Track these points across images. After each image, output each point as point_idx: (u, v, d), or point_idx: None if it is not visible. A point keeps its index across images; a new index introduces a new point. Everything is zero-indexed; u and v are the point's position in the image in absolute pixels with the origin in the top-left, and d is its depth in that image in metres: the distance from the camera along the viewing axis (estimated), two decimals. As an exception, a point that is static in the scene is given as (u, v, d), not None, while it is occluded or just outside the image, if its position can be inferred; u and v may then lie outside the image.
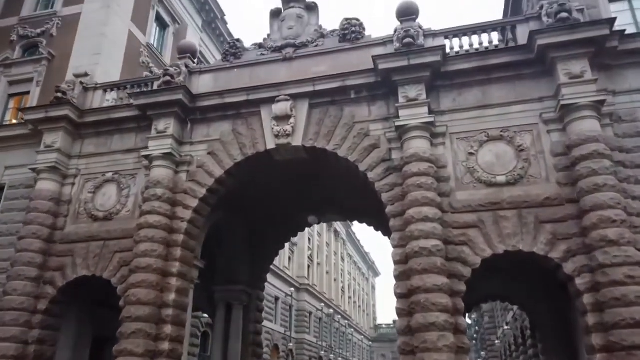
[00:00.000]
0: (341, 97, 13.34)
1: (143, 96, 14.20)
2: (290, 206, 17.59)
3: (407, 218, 11.09)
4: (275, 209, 17.48)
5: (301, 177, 15.82)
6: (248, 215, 17.39)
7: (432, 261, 10.39)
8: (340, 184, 15.91)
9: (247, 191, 15.90)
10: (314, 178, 15.92)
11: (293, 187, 16.48)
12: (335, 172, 14.84)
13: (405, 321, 10.62)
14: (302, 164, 14.63)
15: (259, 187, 16.03)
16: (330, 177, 15.58)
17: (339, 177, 15.25)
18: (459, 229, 11.09)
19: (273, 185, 16.14)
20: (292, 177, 15.83)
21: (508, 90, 12.21)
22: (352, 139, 12.81)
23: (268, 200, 16.89)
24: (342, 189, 16.29)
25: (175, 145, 13.89)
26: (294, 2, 15.45)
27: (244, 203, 16.47)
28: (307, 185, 16.30)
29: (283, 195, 16.82)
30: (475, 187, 11.49)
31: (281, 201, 17.12)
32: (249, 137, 13.71)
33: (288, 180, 15.90)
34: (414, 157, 11.57)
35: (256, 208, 17.12)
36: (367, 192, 14.43)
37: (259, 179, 15.43)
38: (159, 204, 12.96)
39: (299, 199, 17.19)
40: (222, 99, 14.08)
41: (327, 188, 16.49)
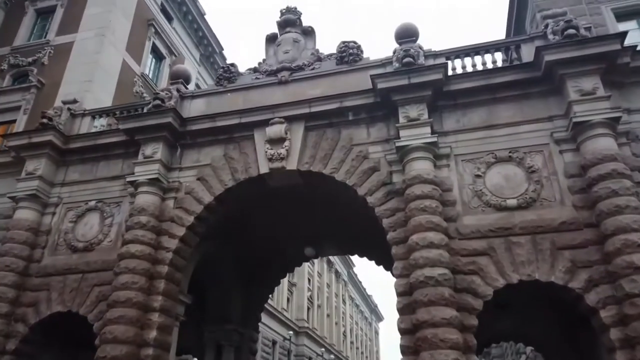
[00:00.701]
0: (338, 119, 12.73)
1: (131, 120, 13.61)
2: (286, 237, 16.67)
3: (410, 245, 10.19)
4: (270, 241, 16.53)
5: (297, 206, 15.00)
6: (241, 246, 16.43)
7: (439, 292, 9.41)
8: (338, 213, 15.06)
9: (240, 220, 15.07)
10: (310, 207, 15.09)
11: (289, 217, 15.62)
12: (333, 199, 14.05)
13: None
14: (298, 191, 13.88)
15: (253, 217, 15.19)
16: (328, 205, 14.75)
17: (338, 205, 14.44)
18: (467, 257, 10.18)
19: (267, 214, 15.30)
20: (288, 206, 15.01)
21: (515, 109, 11.60)
22: (350, 162, 12.09)
23: (262, 231, 15.98)
24: (341, 219, 15.41)
25: (163, 170, 13.17)
26: (290, 27, 15.15)
27: (237, 233, 15.59)
28: (304, 215, 15.45)
29: (278, 226, 15.93)
30: (484, 212, 10.66)
31: (276, 232, 16.21)
32: (241, 161, 13.01)
33: (283, 209, 15.07)
34: (416, 179, 10.81)
35: (250, 239, 16.18)
36: (367, 221, 13.61)
37: (252, 207, 14.64)
38: (142, 233, 12.09)
39: (295, 230, 16.30)
40: (214, 122, 13.49)
41: (325, 218, 15.62)
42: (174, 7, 24.55)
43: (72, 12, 19.55)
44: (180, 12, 25.07)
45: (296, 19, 15.20)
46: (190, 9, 25.48)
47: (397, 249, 10.70)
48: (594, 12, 12.68)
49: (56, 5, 20.03)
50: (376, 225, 11.92)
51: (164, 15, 23.61)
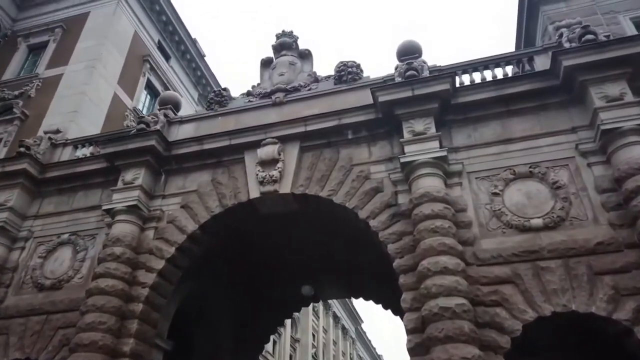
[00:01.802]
0: (337, 138, 11.69)
1: (111, 144, 12.63)
2: (283, 275, 15.20)
3: (420, 271, 8.79)
4: (264, 279, 15.06)
5: (293, 238, 13.69)
6: (232, 286, 14.94)
7: (457, 325, 7.90)
8: (340, 246, 13.74)
9: (229, 255, 13.72)
10: (308, 239, 13.77)
11: (284, 251, 14.25)
12: (333, 229, 12.81)
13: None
14: (293, 220, 12.65)
15: (244, 251, 13.83)
16: (328, 237, 13.45)
17: (338, 236, 13.18)
18: (489, 285, 8.73)
19: (260, 248, 13.95)
20: (282, 238, 13.71)
21: (532, 122, 10.52)
22: (350, 183, 10.91)
23: (255, 268, 14.56)
24: (342, 253, 14.04)
25: (144, 198, 12.01)
26: (286, 50, 14.47)
27: (227, 271, 14.17)
28: (301, 249, 14.09)
29: (273, 262, 14.52)
30: (505, 233, 9.30)
31: (271, 269, 14.77)
32: (230, 186, 11.86)
33: (277, 241, 13.76)
34: (425, 197, 9.56)
35: (241, 277, 14.73)
36: (371, 255, 12.32)
37: (242, 239, 13.32)
38: (115, 266, 10.75)
39: (292, 266, 14.85)
40: (201, 145, 12.47)
41: (324, 252, 14.24)
42: (172, 46, 24.38)
43: (64, 46, 19.25)
44: (178, 51, 24.88)
45: (292, 42, 14.56)
46: (188, 49, 25.31)
47: (406, 278, 9.27)
48: (611, 22, 11.90)
49: (48, 41, 19.80)
50: (382, 260, 10.63)
51: (161, 52, 23.36)
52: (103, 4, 20.29)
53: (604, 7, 11.81)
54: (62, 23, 20.05)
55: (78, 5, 20.73)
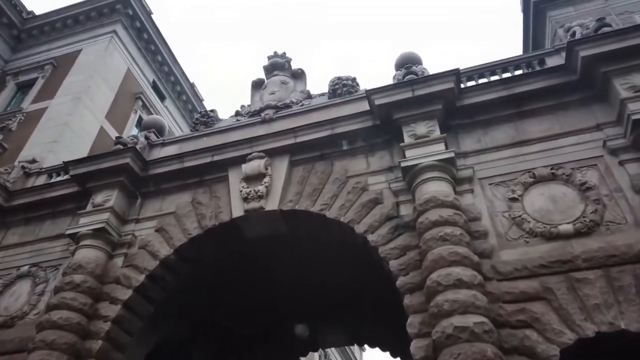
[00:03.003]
0: (330, 149, 10.55)
1: (82, 164, 11.57)
2: (274, 319, 13.48)
3: (430, 287, 7.29)
4: (254, 322, 13.34)
5: (284, 271, 12.20)
6: (216, 331, 13.22)
7: (477, 349, 6.32)
8: (338, 277, 12.19)
9: (212, 292, 12.18)
10: (301, 271, 12.26)
11: (275, 287, 12.68)
12: (330, 256, 11.35)
13: None
14: (285, 246, 11.25)
15: (229, 287, 12.30)
16: (325, 267, 11.95)
17: (336, 265, 11.67)
18: (514, 303, 7.19)
19: (247, 283, 12.41)
20: (272, 270, 12.22)
21: (549, 123, 9.37)
22: (345, 196, 9.62)
23: (242, 308, 12.92)
24: (342, 287, 12.44)
25: (115, 222, 10.76)
26: (278, 71, 13.71)
27: (209, 311, 12.54)
28: (294, 283, 12.52)
29: (262, 301, 12.90)
30: (529, 243, 7.87)
31: (261, 310, 13.11)
32: (212, 206, 10.60)
33: (267, 274, 12.25)
34: (431, 202, 8.23)
35: (227, 320, 13.05)
36: (374, 287, 10.86)
37: (227, 272, 11.86)
38: (73, 295, 9.31)
39: (286, 307, 13.17)
40: (182, 163, 11.37)
41: (321, 287, 12.65)
42: (168, 87, 23.99)
43: (52, 81, 18.79)
44: (174, 92, 24.47)
45: (284, 62, 13.82)
46: (184, 90, 24.93)
47: (412, 299, 7.75)
48: (627, 21, 11.04)
49: (37, 78, 19.36)
50: (387, 294, 9.18)
51: (156, 92, 22.90)
52: (96, 41, 20.07)
53: (617, 8, 11.05)
54: (53, 60, 19.73)
55: (71, 45, 20.53)
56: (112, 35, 20.05)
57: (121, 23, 20.65)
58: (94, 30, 20.64)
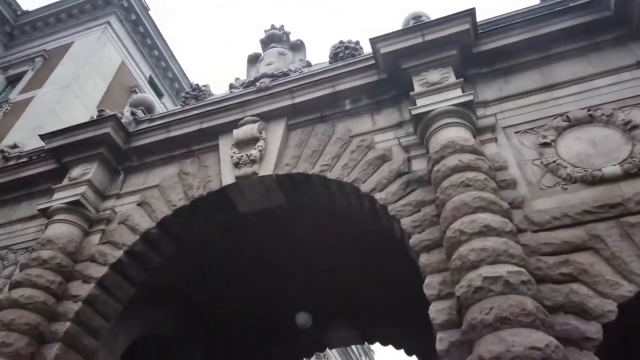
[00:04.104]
0: (332, 110, 9.48)
1: (58, 137, 10.58)
2: (272, 310, 12.23)
3: (450, 238, 6.09)
4: (249, 315, 12.10)
5: (284, 254, 11.02)
6: (207, 324, 11.98)
7: (514, 302, 5.08)
8: (344, 264, 11.00)
9: (202, 279, 11.02)
10: (304, 256, 11.08)
11: (274, 276, 11.48)
12: (335, 238, 10.19)
13: None
14: (282, 226, 10.12)
15: (221, 272, 11.13)
16: (329, 251, 10.76)
17: (343, 250, 10.50)
18: (554, 256, 5.96)
19: (242, 270, 11.24)
20: (271, 256, 11.04)
21: (582, 65, 8.25)
22: (348, 155, 8.51)
23: (235, 301, 11.72)
24: (349, 276, 11.24)
25: (93, 197, 9.71)
26: (276, 43, 12.76)
27: (199, 301, 11.35)
28: (295, 270, 11.32)
29: (258, 291, 11.70)
30: (567, 190, 6.67)
31: (257, 301, 11.89)
32: (200, 176, 9.53)
33: (264, 260, 11.07)
34: (448, 148, 7.09)
35: (219, 312, 11.83)
36: (389, 271, 9.72)
37: (217, 254, 10.71)
38: (39, 272, 8.21)
39: (286, 298, 11.93)
40: (167, 132, 10.35)
41: (328, 276, 11.45)
42: (165, 83, 23.24)
43: (42, 72, 18.10)
44: (172, 89, 23.70)
45: (282, 34, 12.90)
46: (183, 87, 24.10)
47: (429, 257, 6.54)
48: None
49: (27, 70, 18.66)
50: (400, 284, 8.01)
51: (153, 89, 22.14)
52: (88, 33, 19.42)
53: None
54: (44, 52, 19.07)
55: (63, 38, 19.91)
56: (105, 26, 19.41)
57: (115, 15, 20.02)
58: (88, 23, 20.04)
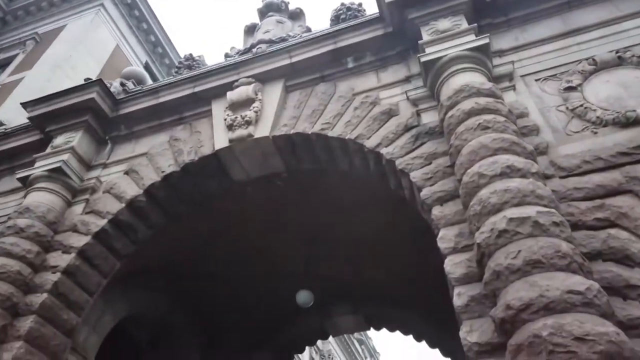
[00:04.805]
0: (333, 69, 8.82)
1: (41, 104, 9.96)
2: (273, 296, 11.53)
3: (468, 184, 5.41)
4: (249, 299, 11.41)
5: (285, 230, 10.34)
6: (200, 311, 11.28)
7: (545, 243, 4.39)
8: (354, 241, 10.33)
9: (195, 258, 10.35)
10: (305, 233, 10.41)
11: (273, 253, 10.80)
12: (340, 211, 9.51)
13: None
14: (282, 197, 9.44)
15: (216, 250, 10.46)
16: (333, 227, 10.09)
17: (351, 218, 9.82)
18: (587, 201, 5.26)
19: (240, 247, 10.56)
20: (271, 230, 10.36)
21: (607, 9, 7.55)
22: (351, 112, 7.85)
23: (235, 283, 11.03)
24: (355, 253, 10.55)
25: (77, 166, 9.07)
26: (274, 12, 12.15)
27: (192, 283, 10.68)
28: (295, 249, 10.64)
29: (259, 270, 11.01)
30: (597, 133, 5.99)
31: (257, 283, 11.20)
32: (191, 142, 8.87)
33: (263, 235, 10.39)
34: (462, 92, 6.42)
35: (215, 295, 11.13)
36: (397, 253, 9.05)
37: (211, 230, 10.03)
38: (14, 241, 7.57)
39: (286, 280, 11.23)
40: (157, 97, 9.72)
41: (329, 254, 10.77)
42: (162, 70, 22.60)
43: (33, 55, 17.47)
44: (169, 76, 23.03)
45: (280, 3, 12.29)
46: (181, 75, 23.55)
47: (442, 210, 5.86)
48: None
49: (18, 54, 18.08)
50: (412, 259, 7.32)
51: (149, 74, 21.48)
52: (82, 15, 18.84)
53: None
54: (35, 35, 18.47)
55: (56, 21, 19.31)
56: (99, 9, 18.81)
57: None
58: (81, 6, 19.40)
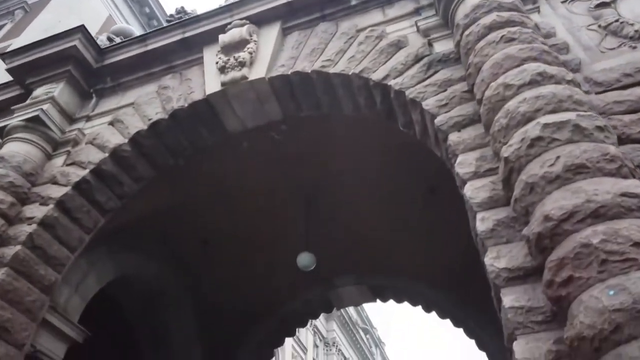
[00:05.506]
0: (334, 7, 8.09)
1: (21, 54, 9.28)
2: (273, 265, 10.90)
3: (491, 98, 4.73)
4: (248, 268, 10.77)
5: (284, 189, 9.69)
6: (199, 278, 10.65)
7: (589, 147, 3.69)
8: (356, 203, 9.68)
9: (190, 222, 9.71)
10: (307, 191, 9.76)
11: (273, 216, 10.16)
12: (342, 158, 8.85)
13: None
14: (281, 151, 8.77)
15: (211, 214, 9.82)
16: (336, 183, 9.43)
17: (356, 178, 9.17)
18: (630, 114, 4.57)
19: (236, 209, 9.91)
20: (268, 190, 9.71)
21: None
22: (356, 47, 7.16)
23: (231, 249, 10.39)
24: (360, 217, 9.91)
25: (58, 116, 8.42)
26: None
27: (185, 250, 10.05)
28: (298, 212, 9.99)
29: (256, 234, 10.37)
30: (636, 48, 5.27)
31: (254, 250, 10.56)
32: (181, 90, 8.20)
33: (258, 195, 9.75)
34: (482, 7, 5.73)
35: (211, 266, 10.50)
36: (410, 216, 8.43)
37: (205, 191, 9.38)
38: (-14, 190, 6.91)
39: (286, 246, 10.57)
40: (145, 45, 9.02)
41: (332, 217, 10.12)
42: (158, 45, 21.91)
43: (21, 23, 16.81)
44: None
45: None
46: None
47: (460, 135, 5.16)
48: None
49: (5, 24, 17.42)
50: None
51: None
52: (72, -16, 18.13)
53: None
54: (24, 4, 17.79)
55: (46, -8, 18.63)
56: (90, -24, 18.09)
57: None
58: (73, -24, 18.72)
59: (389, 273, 11.21)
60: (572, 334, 2.99)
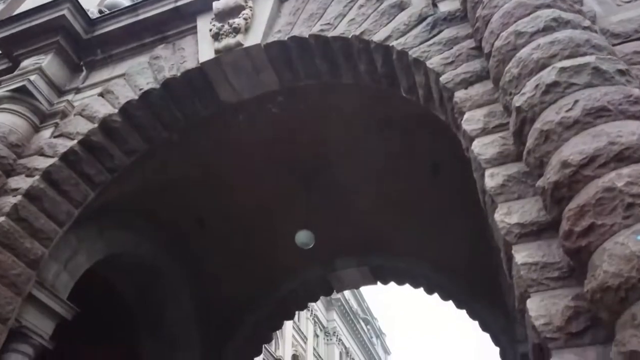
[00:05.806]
0: (335, -29, 7.73)
1: (8, 25, 8.96)
2: (272, 245, 10.63)
3: (500, 49, 4.42)
4: (245, 248, 10.50)
5: (282, 165, 9.41)
6: (194, 259, 10.39)
7: (612, 90, 3.38)
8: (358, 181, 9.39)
9: (185, 199, 9.44)
10: (306, 168, 9.47)
11: (272, 194, 9.89)
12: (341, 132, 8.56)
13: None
14: (278, 124, 8.47)
15: (206, 191, 9.54)
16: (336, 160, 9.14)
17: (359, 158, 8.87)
18: (651, 64, 4.24)
19: (233, 185, 9.63)
20: (265, 167, 9.43)
21: None
22: (356, 11, 6.83)
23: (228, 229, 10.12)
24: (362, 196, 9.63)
25: (46, 88, 8.11)
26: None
27: (185, 232, 9.79)
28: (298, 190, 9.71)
29: (253, 215, 10.10)
30: (656, -1, 4.94)
31: (252, 230, 10.29)
32: (173, 59, 7.89)
33: (255, 173, 9.46)
34: (489, -41, 5.35)
35: (207, 246, 10.24)
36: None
37: (200, 169, 9.10)
38: (-32, 160, 6.63)
39: (286, 226, 10.29)
40: (136, 14, 8.67)
41: (332, 196, 9.84)
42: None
43: (13, 4, 16.42)
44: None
45: None
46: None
47: (468, 92, 4.86)
48: None
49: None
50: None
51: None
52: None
53: None
54: (17, -15, 17.46)
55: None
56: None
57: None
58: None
59: (390, 254, 10.94)
60: (594, 285, 2.71)
